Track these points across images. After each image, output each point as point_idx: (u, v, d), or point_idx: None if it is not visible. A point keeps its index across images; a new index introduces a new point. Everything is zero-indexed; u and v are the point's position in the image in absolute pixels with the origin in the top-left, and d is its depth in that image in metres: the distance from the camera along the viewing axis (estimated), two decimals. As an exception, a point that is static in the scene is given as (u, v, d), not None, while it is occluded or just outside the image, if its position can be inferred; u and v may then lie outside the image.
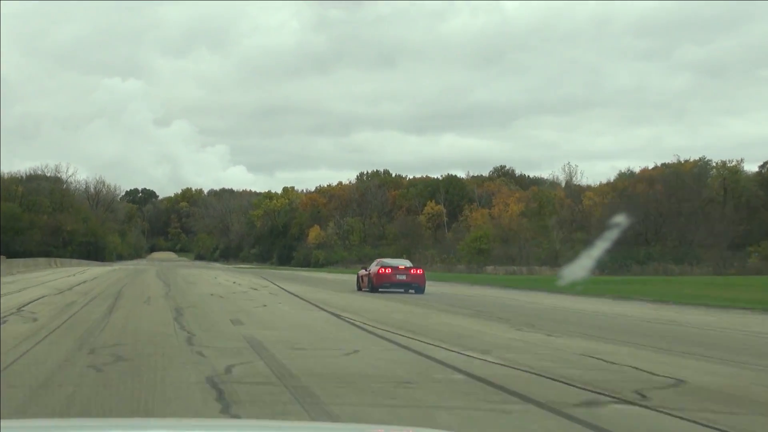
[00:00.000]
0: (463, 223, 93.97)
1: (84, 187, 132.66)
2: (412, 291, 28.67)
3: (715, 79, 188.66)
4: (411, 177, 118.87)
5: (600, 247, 32.99)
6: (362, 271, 31.07)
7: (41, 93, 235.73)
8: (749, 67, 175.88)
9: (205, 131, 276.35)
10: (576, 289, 28.89)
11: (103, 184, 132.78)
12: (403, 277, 28.73)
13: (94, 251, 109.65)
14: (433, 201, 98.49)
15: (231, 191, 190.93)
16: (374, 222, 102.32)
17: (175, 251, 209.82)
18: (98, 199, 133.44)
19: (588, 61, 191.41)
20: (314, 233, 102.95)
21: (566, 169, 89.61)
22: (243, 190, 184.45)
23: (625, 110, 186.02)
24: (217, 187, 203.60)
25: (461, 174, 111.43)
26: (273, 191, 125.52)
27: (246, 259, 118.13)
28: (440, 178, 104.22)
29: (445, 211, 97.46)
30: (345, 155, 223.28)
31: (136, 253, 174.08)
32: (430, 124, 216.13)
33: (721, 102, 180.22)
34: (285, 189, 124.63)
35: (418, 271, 29.38)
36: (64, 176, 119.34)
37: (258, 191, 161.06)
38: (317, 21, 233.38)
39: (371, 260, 35.68)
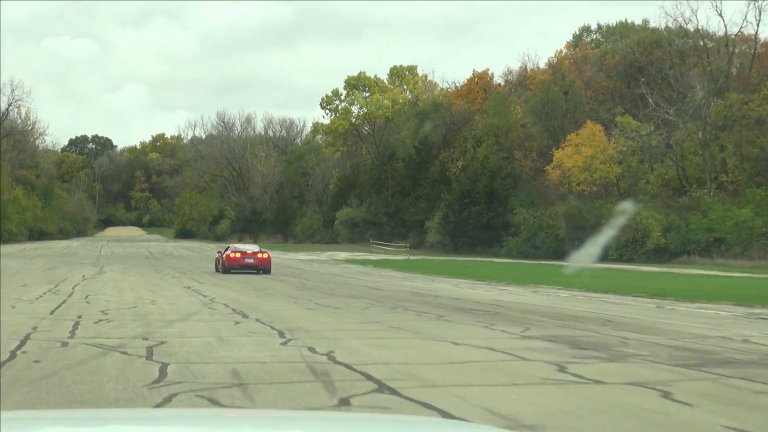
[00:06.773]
0: None
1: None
2: (261, 272, 30.18)
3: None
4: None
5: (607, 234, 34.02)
6: (217, 254, 32.87)
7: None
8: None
9: (163, 105, 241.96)
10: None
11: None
12: (251, 261, 30.34)
13: None
14: None
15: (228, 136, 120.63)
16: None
17: (141, 226, 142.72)
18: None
19: (559, 33, 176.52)
20: (573, 157, 33.88)
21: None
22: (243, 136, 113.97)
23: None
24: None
25: None
26: (363, 72, 54.69)
27: (321, 240, 48.66)
28: None
29: None
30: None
31: (76, 229, 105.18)
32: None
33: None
34: (394, 71, 53.41)
35: (265, 255, 30.82)
36: None
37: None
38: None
39: None
